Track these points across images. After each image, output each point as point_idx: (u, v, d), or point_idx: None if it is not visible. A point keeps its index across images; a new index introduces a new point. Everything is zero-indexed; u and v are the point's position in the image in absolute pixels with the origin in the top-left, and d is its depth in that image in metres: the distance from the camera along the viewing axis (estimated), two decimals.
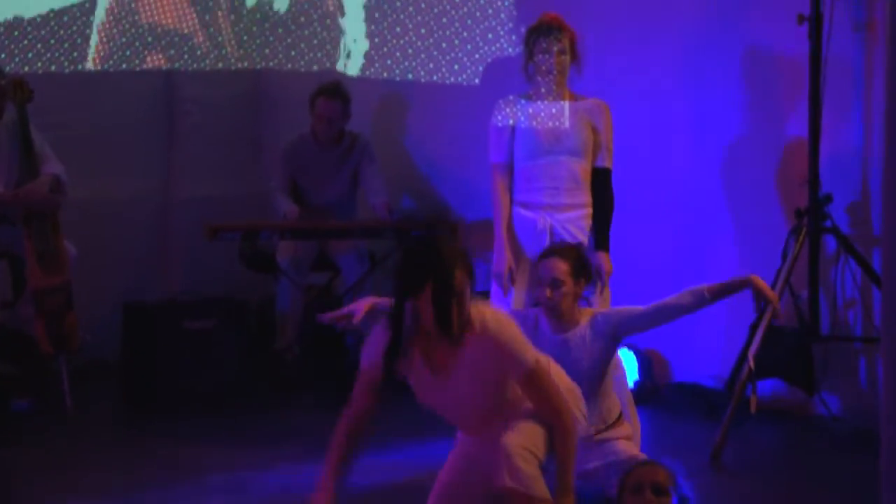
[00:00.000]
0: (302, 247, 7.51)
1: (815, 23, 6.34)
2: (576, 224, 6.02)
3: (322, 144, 7.62)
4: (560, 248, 5.38)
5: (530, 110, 6.05)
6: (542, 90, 6.05)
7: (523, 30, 6.27)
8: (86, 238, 7.22)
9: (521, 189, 6.07)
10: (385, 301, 4.69)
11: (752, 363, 6.02)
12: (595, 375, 5.29)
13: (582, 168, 6.04)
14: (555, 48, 5.98)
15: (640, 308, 5.25)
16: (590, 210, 6.07)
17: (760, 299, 5.22)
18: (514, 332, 4.49)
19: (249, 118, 8.47)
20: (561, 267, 5.22)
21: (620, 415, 5.41)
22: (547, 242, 5.87)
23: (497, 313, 4.57)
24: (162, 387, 6.96)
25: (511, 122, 6.07)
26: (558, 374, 4.74)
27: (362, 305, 4.79)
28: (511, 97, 6.12)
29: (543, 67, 6.01)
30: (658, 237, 7.22)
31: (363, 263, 7.51)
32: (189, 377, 6.96)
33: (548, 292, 5.22)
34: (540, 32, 6.03)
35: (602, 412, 5.33)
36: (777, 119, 6.87)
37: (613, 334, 5.27)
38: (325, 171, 7.62)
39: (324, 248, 7.62)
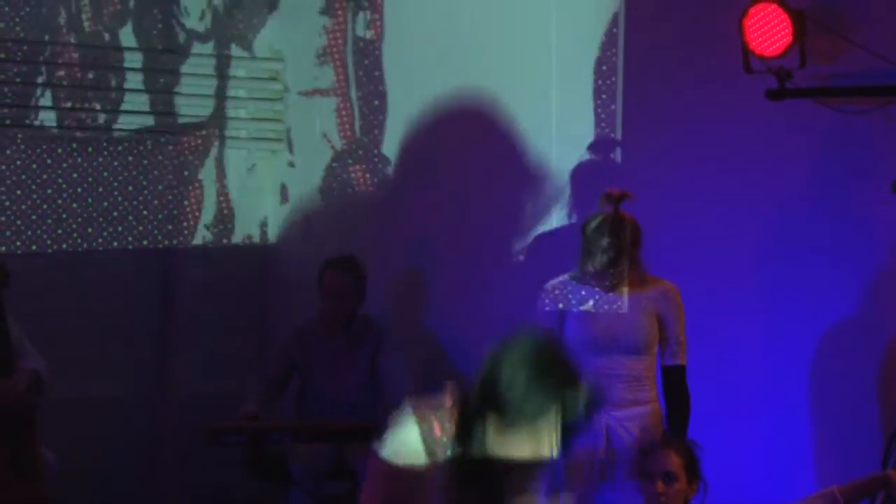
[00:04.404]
0: (318, 451, 6.96)
1: None
2: (637, 423, 5.68)
3: (330, 330, 7.08)
4: (672, 440, 5.29)
5: (583, 293, 5.70)
6: (595, 280, 5.73)
7: (574, 218, 5.99)
8: (67, 444, 6.72)
9: None
10: None
11: None
12: None
13: (644, 366, 5.76)
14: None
15: None
16: (656, 406, 5.76)
17: None
18: None
19: (256, 304, 8.14)
20: (676, 460, 5.09)
21: None
22: (603, 445, 5.65)
23: None
24: None
25: (560, 306, 5.72)
26: None
27: None
28: (560, 279, 5.75)
29: (600, 279, 5.70)
30: (725, 453, 6.51)
31: None
32: None
33: (660, 486, 5.09)
34: (599, 232, 5.66)
35: None
36: (886, 315, 6.43)
37: None
38: (335, 361, 7.08)
39: (342, 453, 7.02)
